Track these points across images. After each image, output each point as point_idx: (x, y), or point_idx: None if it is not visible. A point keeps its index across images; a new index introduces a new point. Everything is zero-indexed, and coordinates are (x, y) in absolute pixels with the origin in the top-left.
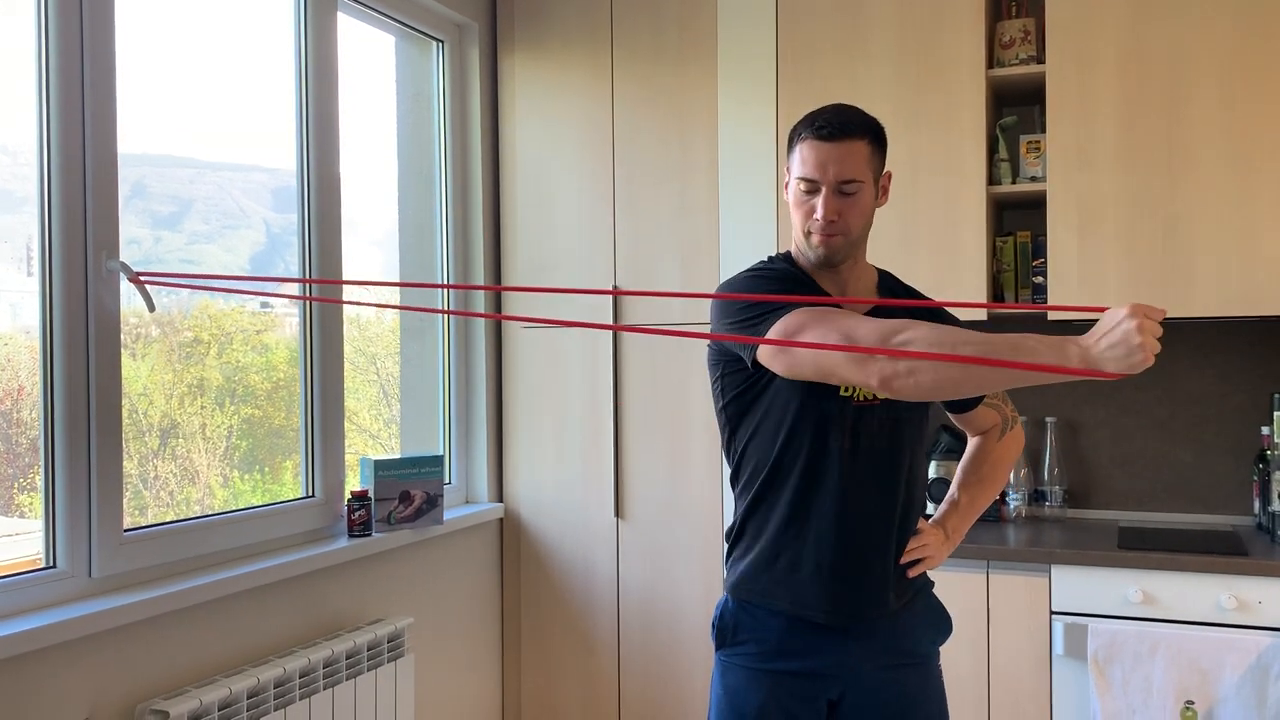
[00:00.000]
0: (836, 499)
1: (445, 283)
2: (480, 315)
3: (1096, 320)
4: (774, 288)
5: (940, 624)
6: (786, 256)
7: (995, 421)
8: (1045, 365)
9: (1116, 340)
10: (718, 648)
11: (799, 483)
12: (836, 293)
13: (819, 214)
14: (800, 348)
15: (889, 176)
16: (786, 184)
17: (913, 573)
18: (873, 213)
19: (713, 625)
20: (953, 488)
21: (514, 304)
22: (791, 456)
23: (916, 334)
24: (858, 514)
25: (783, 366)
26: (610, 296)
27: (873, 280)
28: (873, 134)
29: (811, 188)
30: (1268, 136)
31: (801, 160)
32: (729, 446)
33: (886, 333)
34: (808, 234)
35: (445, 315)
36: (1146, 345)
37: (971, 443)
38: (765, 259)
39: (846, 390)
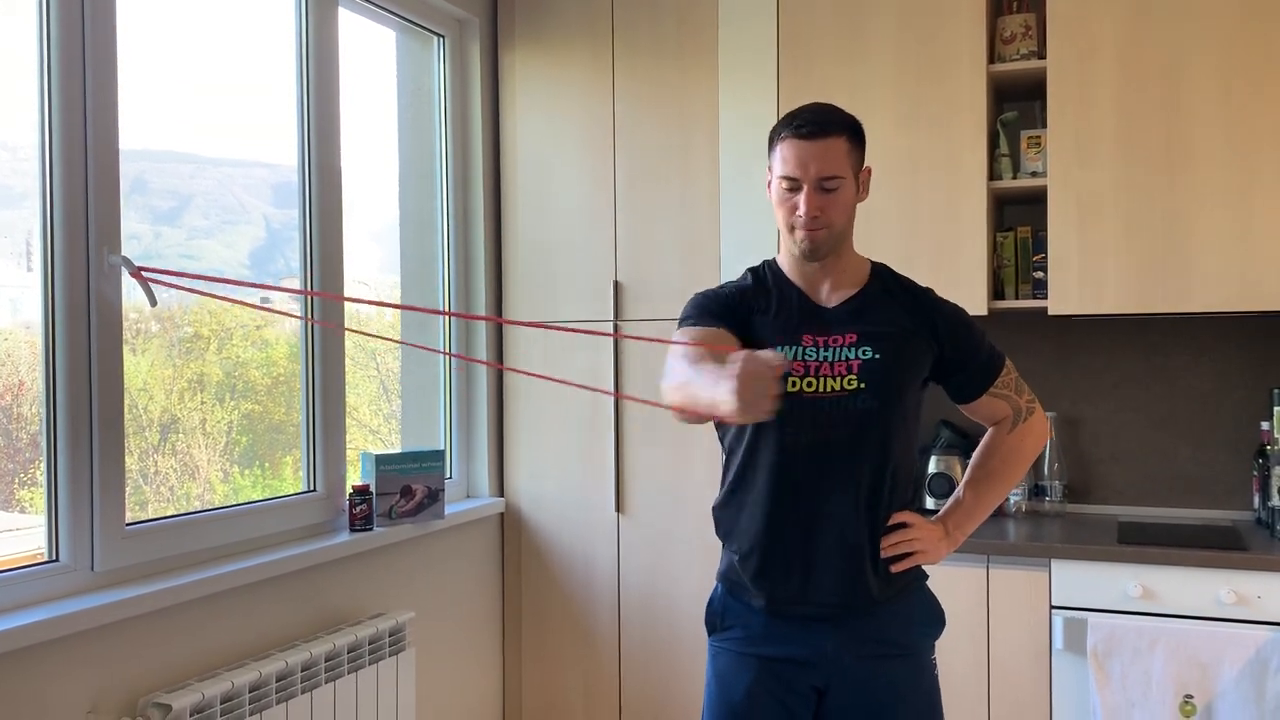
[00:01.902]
0: (799, 493)
1: (446, 310)
2: (477, 317)
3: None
4: (691, 312)
5: (931, 619)
6: (769, 264)
7: (1005, 413)
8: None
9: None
10: (709, 634)
11: (762, 478)
12: (825, 285)
13: (801, 210)
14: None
15: (868, 171)
16: (769, 182)
17: (898, 567)
18: (854, 207)
19: (705, 612)
20: (960, 484)
21: (513, 304)
22: (753, 452)
23: (671, 365)
24: (823, 508)
25: None
26: (610, 290)
27: (864, 273)
28: (851, 130)
29: (793, 185)
30: (1268, 132)
31: (783, 159)
32: (721, 443)
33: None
34: (792, 229)
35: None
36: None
37: (985, 435)
38: (746, 270)
39: (794, 385)
